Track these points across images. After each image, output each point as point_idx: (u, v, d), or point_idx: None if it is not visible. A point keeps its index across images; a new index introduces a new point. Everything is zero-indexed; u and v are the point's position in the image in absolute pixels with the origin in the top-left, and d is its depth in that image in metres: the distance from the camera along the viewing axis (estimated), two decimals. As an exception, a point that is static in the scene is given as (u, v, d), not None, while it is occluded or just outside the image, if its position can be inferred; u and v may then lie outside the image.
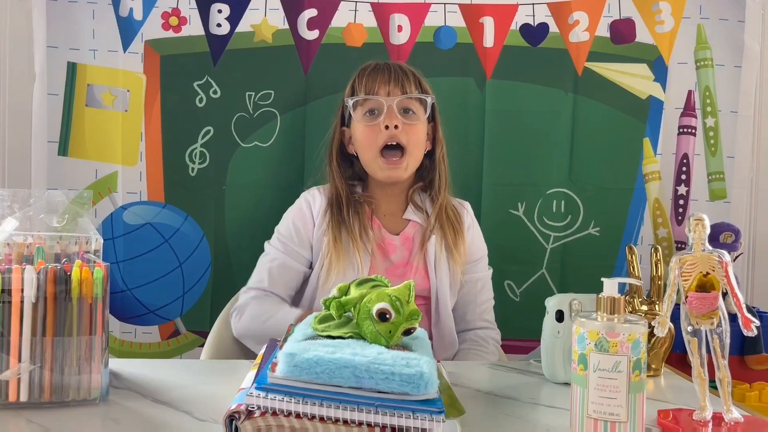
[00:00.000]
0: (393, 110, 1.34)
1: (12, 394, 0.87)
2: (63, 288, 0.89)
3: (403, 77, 1.37)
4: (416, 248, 1.39)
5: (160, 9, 1.64)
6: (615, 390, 0.77)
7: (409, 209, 1.42)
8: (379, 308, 0.82)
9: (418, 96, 1.37)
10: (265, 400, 0.74)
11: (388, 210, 1.43)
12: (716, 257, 0.86)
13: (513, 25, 1.69)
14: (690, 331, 0.87)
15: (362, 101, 1.37)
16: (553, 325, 1.08)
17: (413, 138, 1.36)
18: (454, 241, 1.39)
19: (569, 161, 1.71)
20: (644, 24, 1.69)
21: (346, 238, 1.34)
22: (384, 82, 1.36)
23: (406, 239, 1.40)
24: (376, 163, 1.37)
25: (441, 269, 1.38)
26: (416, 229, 1.41)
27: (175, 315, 1.68)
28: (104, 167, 1.65)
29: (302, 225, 1.40)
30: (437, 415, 0.73)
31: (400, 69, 1.39)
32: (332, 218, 1.37)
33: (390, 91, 1.36)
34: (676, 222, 1.73)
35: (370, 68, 1.39)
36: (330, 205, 1.38)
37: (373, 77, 1.37)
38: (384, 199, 1.42)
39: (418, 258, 1.38)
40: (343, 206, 1.37)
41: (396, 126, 1.34)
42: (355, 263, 1.33)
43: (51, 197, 0.99)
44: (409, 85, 1.37)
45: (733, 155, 1.71)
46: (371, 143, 1.36)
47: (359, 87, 1.38)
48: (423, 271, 1.38)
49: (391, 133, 1.34)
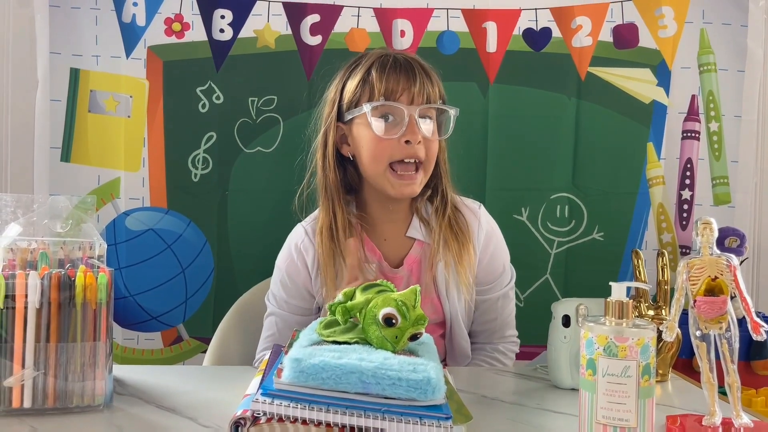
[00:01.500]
0: (414, 122, 1.16)
1: (16, 400, 0.87)
2: (67, 294, 0.88)
3: (428, 83, 1.18)
4: (425, 271, 1.24)
5: (163, 15, 1.64)
6: (624, 395, 0.76)
7: (413, 225, 1.25)
8: (385, 313, 0.82)
9: (443, 107, 1.20)
10: (271, 406, 0.73)
11: (388, 232, 1.26)
12: (724, 261, 0.85)
13: (516, 30, 1.69)
14: (698, 336, 0.86)
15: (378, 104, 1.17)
16: (559, 330, 1.07)
17: (431, 153, 1.20)
18: (459, 259, 1.22)
19: (573, 166, 1.70)
20: (647, 29, 1.69)
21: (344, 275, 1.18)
22: (407, 87, 1.17)
23: (411, 265, 1.25)
24: (385, 178, 1.18)
25: (452, 292, 1.24)
26: (422, 249, 1.25)
27: (177, 321, 1.67)
28: (107, 173, 1.65)
29: (296, 276, 1.25)
30: (445, 421, 0.72)
31: (423, 71, 1.19)
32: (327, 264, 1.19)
33: (414, 97, 1.17)
34: (680, 227, 1.72)
35: (389, 64, 1.18)
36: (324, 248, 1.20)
37: (395, 78, 1.17)
38: (383, 217, 1.25)
39: (429, 284, 1.23)
40: (337, 242, 1.20)
41: (419, 142, 1.17)
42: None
43: (55, 202, 0.99)
44: (434, 93, 1.19)
45: (737, 160, 1.71)
46: (383, 156, 1.17)
47: (377, 85, 1.17)
48: (436, 298, 1.24)
49: (411, 149, 1.16)
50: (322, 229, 1.22)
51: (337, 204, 1.23)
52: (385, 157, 1.18)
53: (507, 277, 1.33)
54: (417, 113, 1.16)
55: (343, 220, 1.22)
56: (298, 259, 1.25)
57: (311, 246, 1.24)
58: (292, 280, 1.26)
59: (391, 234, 1.27)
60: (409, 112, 1.16)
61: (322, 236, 1.22)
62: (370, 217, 1.26)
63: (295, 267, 1.25)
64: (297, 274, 1.25)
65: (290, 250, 1.27)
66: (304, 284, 1.25)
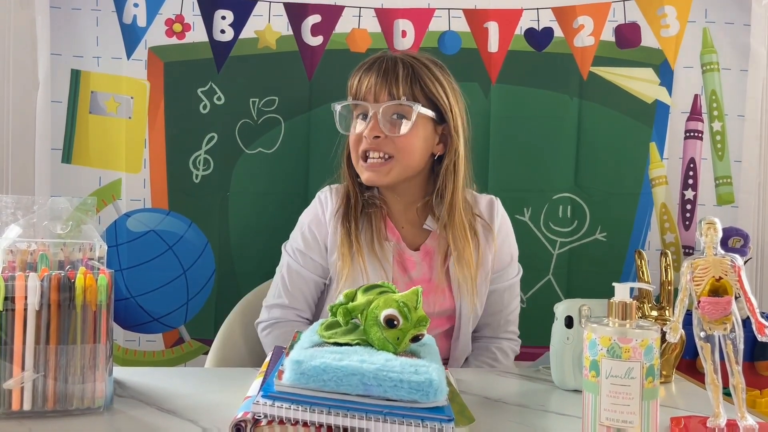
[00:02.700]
0: (377, 118, 1.23)
1: (15, 403, 0.86)
2: (67, 295, 0.88)
3: (392, 78, 1.23)
4: (438, 263, 1.29)
5: (164, 16, 1.64)
6: (628, 397, 0.76)
7: (429, 219, 1.32)
8: (387, 314, 0.81)
9: (404, 102, 1.23)
10: (272, 408, 0.73)
11: (405, 220, 1.33)
12: (728, 261, 0.84)
13: (517, 30, 1.68)
14: (703, 337, 0.85)
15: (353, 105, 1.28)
16: (562, 331, 1.06)
17: (401, 145, 1.24)
18: (472, 258, 1.27)
19: (575, 166, 1.70)
20: (649, 28, 1.68)
21: (360, 246, 1.26)
22: (371, 85, 1.24)
23: (426, 253, 1.31)
24: (359, 167, 1.28)
25: (464, 287, 1.27)
26: (438, 241, 1.30)
27: (179, 323, 1.67)
28: (108, 174, 1.64)
29: (317, 229, 1.32)
30: (447, 423, 0.72)
31: (392, 67, 1.24)
32: (344, 222, 1.29)
33: (377, 95, 1.24)
34: (683, 227, 1.71)
35: (364, 68, 1.27)
36: (342, 206, 1.30)
37: (362, 79, 1.26)
38: (398, 207, 1.33)
39: (440, 275, 1.28)
40: (353, 209, 1.29)
41: (376, 136, 1.23)
42: (371, 274, 1.24)
43: (55, 204, 0.98)
44: (397, 89, 1.23)
45: (740, 159, 1.70)
46: (354, 148, 1.28)
47: (352, 85, 1.28)
48: (447, 289, 1.29)
49: (372, 143, 1.24)
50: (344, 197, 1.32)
51: (349, 183, 1.33)
52: (356, 147, 1.28)
53: (514, 269, 1.38)
54: (380, 111, 1.23)
55: (356, 195, 1.31)
56: (320, 210, 1.33)
57: (331, 199, 1.33)
58: (312, 232, 1.33)
59: (408, 223, 1.34)
60: (373, 109, 1.24)
61: (340, 197, 1.33)
62: (388, 205, 1.33)
63: (317, 219, 1.33)
64: (318, 225, 1.33)
65: (315, 203, 1.36)
66: (323, 239, 1.32)
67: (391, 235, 1.31)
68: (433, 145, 1.30)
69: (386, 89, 1.23)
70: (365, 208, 1.30)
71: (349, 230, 1.27)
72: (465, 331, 1.31)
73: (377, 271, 1.25)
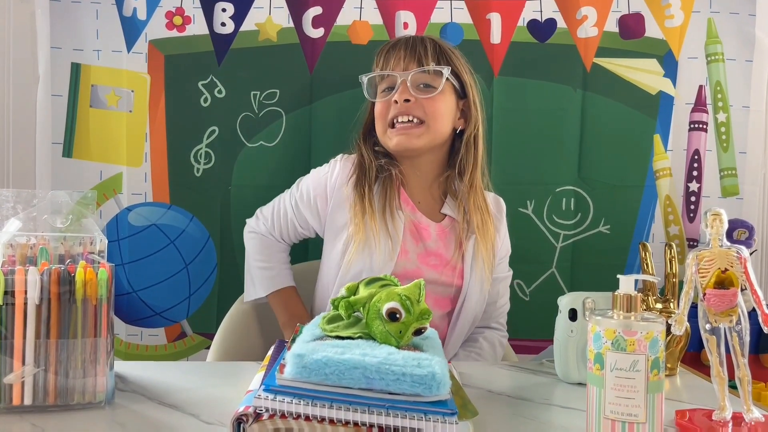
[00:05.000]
0: (406, 85, 1.28)
1: (16, 397, 0.86)
2: (67, 289, 0.87)
3: (421, 50, 1.30)
4: (453, 245, 1.32)
5: (164, 8, 1.63)
6: (633, 390, 0.75)
7: (447, 203, 1.35)
8: (389, 308, 0.81)
9: (433, 68, 1.29)
10: (273, 402, 0.72)
11: (422, 197, 1.35)
12: (734, 253, 0.83)
13: (520, 21, 1.67)
14: (708, 330, 0.85)
15: (379, 79, 1.33)
16: (566, 324, 1.06)
17: (431, 110, 1.28)
18: (485, 241, 1.32)
19: (578, 158, 1.68)
20: (653, 18, 1.67)
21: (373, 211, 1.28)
22: (399, 58, 1.30)
23: (442, 232, 1.33)
24: (386, 136, 1.31)
25: (476, 272, 1.32)
26: (453, 226, 1.34)
27: (181, 317, 1.66)
28: (109, 168, 1.64)
29: (314, 191, 1.36)
30: (450, 416, 0.71)
31: (420, 42, 1.32)
32: (357, 187, 1.30)
33: (405, 65, 1.30)
34: (687, 219, 1.70)
35: (390, 45, 1.34)
36: (356, 173, 1.32)
37: (389, 54, 1.32)
38: (416, 181, 1.35)
39: (456, 255, 1.32)
40: (366, 174, 1.31)
41: (407, 100, 1.27)
42: (382, 241, 1.26)
43: (55, 198, 0.98)
44: (426, 59, 1.29)
45: (745, 151, 1.69)
46: (382, 116, 1.31)
47: (377, 65, 1.35)
48: (458, 266, 1.32)
49: (402, 107, 1.28)
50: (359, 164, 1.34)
51: (365, 150, 1.35)
52: (383, 117, 1.31)
53: (506, 266, 1.44)
54: (409, 78, 1.28)
55: (369, 162, 1.33)
56: (327, 173, 1.35)
57: (341, 164, 1.34)
58: (309, 192, 1.36)
59: (424, 201, 1.36)
60: (402, 78, 1.29)
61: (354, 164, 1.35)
62: (405, 176, 1.35)
63: (317, 181, 1.36)
64: (317, 187, 1.35)
65: (325, 166, 1.38)
66: (320, 205, 1.35)
67: (405, 204, 1.33)
68: (455, 119, 1.35)
69: (415, 59, 1.29)
70: (380, 173, 1.32)
71: (363, 195, 1.29)
72: (465, 316, 1.32)
73: (386, 239, 1.27)
